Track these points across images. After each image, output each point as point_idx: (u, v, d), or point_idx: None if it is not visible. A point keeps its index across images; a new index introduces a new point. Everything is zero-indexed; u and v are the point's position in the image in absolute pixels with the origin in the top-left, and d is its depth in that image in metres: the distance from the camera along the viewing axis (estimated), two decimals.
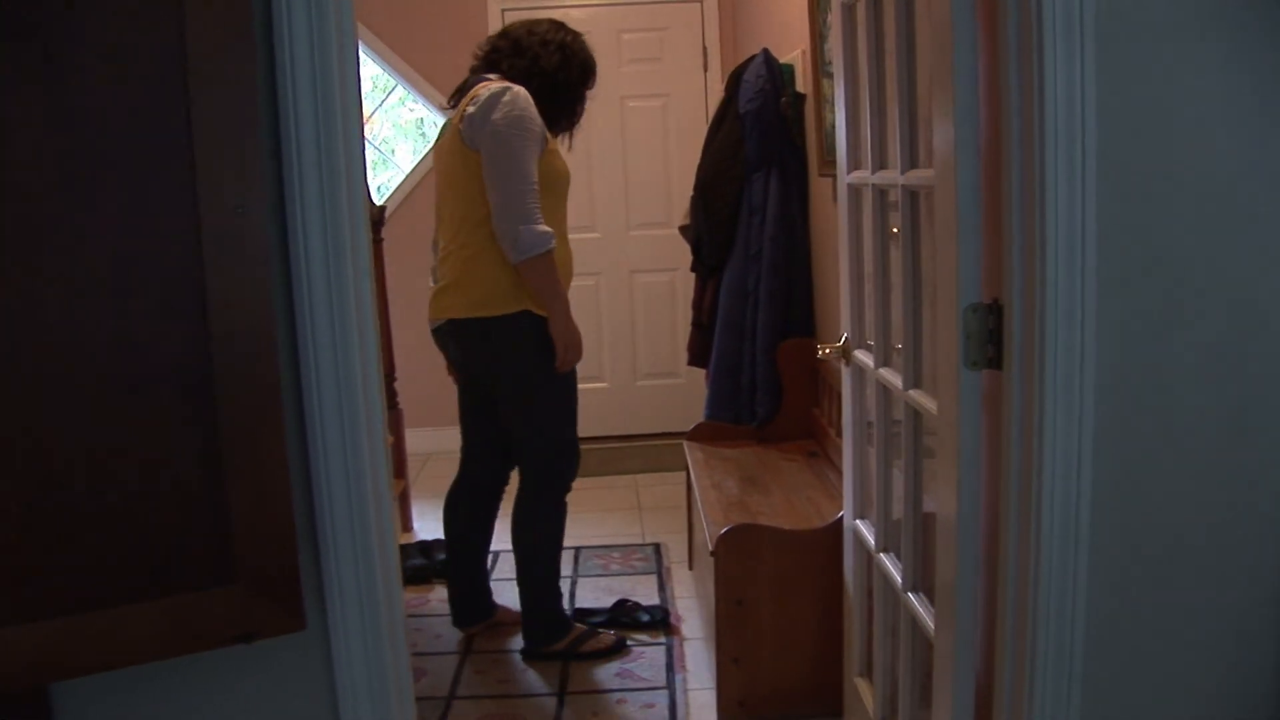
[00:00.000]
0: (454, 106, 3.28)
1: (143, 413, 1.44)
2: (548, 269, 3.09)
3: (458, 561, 3.58)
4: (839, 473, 3.39)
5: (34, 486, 1.41)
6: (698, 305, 4.44)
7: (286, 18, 1.55)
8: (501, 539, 3.54)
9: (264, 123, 1.57)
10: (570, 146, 3.49)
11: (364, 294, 1.68)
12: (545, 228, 3.07)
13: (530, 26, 3.34)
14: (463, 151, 3.12)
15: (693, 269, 4.46)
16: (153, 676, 1.67)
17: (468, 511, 3.53)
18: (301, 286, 1.62)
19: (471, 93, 3.17)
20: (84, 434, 1.42)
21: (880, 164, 2.27)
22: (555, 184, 3.20)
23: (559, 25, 3.37)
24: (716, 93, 5.33)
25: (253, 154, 1.46)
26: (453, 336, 3.26)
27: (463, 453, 3.54)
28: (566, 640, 3.41)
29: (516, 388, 3.26)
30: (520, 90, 3.11)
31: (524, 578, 3.42)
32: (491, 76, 3.23)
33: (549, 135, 3.18)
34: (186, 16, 1.38)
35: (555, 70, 3.28)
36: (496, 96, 3.08)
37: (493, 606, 3.65)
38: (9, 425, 1.39)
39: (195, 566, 1.49)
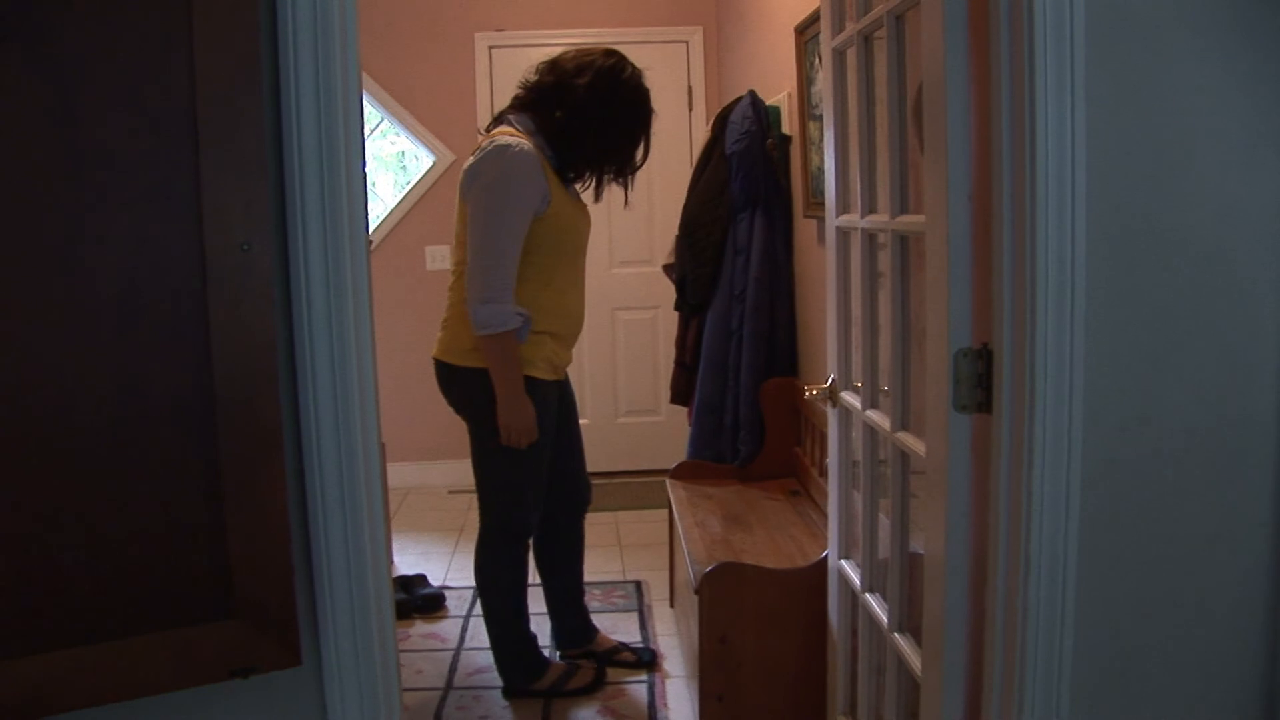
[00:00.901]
0: (488, 132, 3.12)
1: (144, 448, 1.45)
2: (501, 349, 2.96)
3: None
4: (821, 512, 3.42)
5: (33, 520, 1.41)
6: (681, 344, 4.46)
7: (293, 63, 1.57)
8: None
9: (269, 162, 1.58)
10: (628, 198, 3.43)
11: (364, 332, 1.69)
12: (507, 307, 2.92)
13: (580, 62, 3.07)
14: (458, 199, 3.06)
15: (676, 308, 4.48)
16: (142, 710, 1.64)
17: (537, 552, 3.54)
18: (302, 325, 1.63)
19: (486, 137, 3.05)
20: (85, 468, 1.43)
21: (870, 208, 2.29)
22: (559, 244, 3.10)
23: (612, 67, 3.09)
24: (701, 132, 5.37)
25: (259, 193, 1.48)
26: (436, 373, 3.25)
27: None
28: (549, 680, 3.39)
29: (478, 437, 3.21)
30: (523, 152, 2.94)
31: (489, 621, 3.39)
32: (513, 119, 3.07)
33: (553, 194, 3.02)
34: (197, 61, 1.40)
35: (602, 123, 3.08)
36: (495, 155, 2.94)
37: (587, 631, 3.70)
38: (10, 458, 1.39)
39: (194, 601, 1.49)
